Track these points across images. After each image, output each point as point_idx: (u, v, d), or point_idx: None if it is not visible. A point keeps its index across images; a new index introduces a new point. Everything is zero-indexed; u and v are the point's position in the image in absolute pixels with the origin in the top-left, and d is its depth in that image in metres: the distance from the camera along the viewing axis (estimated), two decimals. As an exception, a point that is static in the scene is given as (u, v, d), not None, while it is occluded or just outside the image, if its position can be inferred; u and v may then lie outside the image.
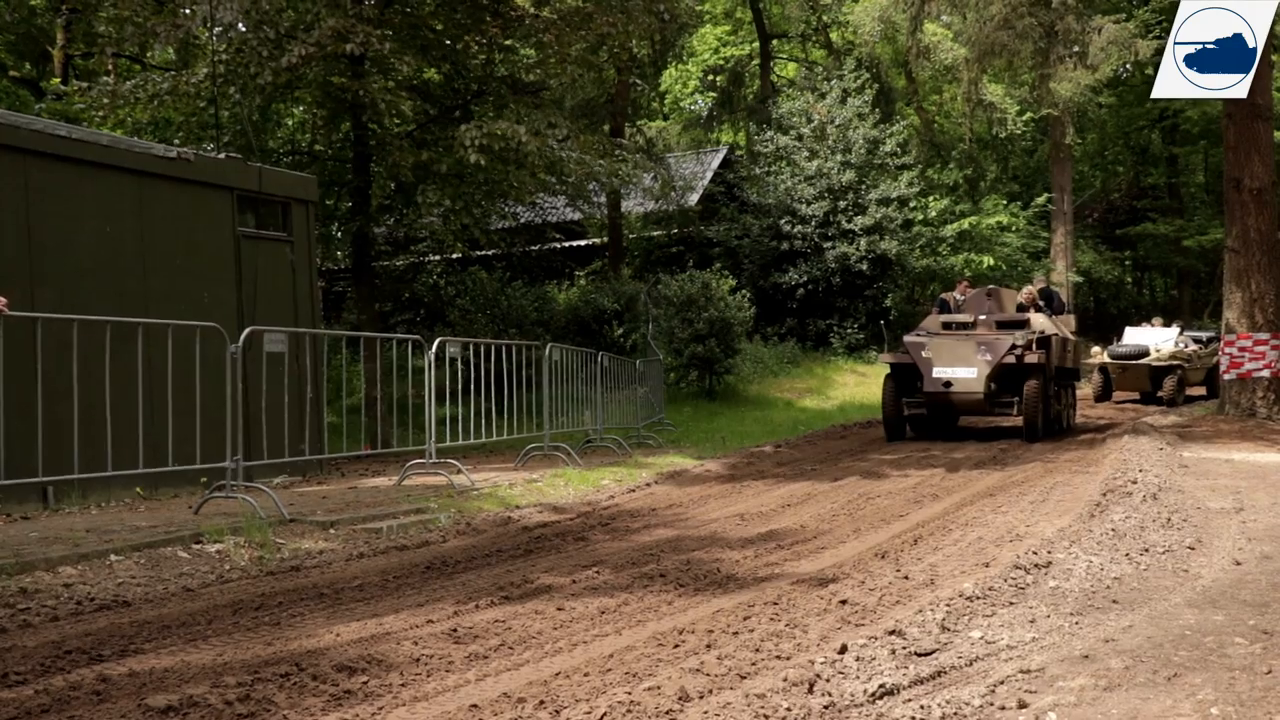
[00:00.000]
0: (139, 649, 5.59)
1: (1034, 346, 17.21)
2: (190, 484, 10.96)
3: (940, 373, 17.02)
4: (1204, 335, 27.90)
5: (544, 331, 22.91)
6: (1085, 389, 27.91)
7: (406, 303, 29.17)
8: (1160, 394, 25.22)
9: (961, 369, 16.95)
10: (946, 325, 18.53)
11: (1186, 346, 26.12)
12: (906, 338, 18.11)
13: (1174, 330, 27.09)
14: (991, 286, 20.41)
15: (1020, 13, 21.95)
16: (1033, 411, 17.00)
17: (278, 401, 10.80)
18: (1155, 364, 25.24)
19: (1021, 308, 19.33)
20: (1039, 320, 18.45)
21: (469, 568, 7.85)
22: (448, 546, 8.75)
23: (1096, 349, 27.85)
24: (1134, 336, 26.99)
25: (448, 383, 13.08)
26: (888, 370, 18.67)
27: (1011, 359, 16.97)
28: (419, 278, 28.29)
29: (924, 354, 17.28)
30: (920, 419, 18.39)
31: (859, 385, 27.47)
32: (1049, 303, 20.06)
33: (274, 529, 8.67)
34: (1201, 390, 26.64)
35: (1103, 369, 26.25)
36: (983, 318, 18.63)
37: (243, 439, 9.79)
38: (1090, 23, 24.42)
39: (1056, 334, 18.32)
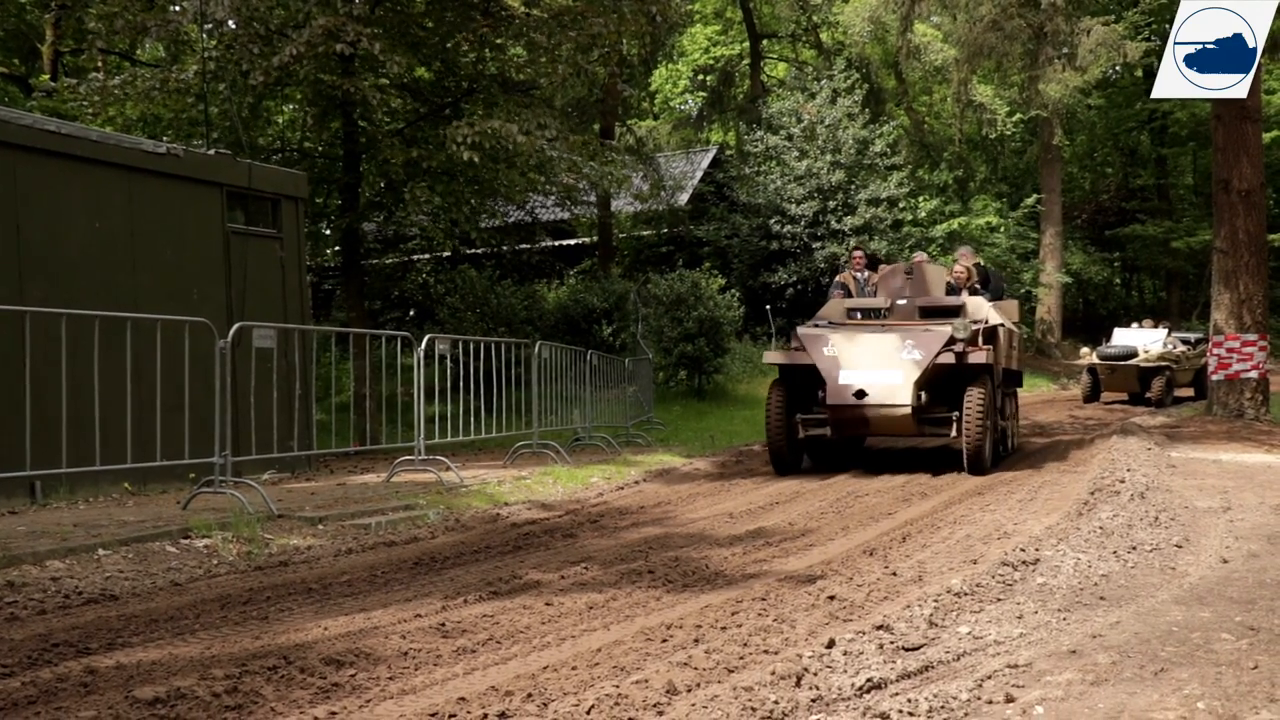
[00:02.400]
0: (126, 642, 5.58)
1: (979, 341, 13.12)
2: (178, 479, 10.94)
3: (851, 378, 12.63)
4: (1192, 337, 27.96)
5: (533, 330, 22.90)
6: (1074, 389, 27.93)
7: (396, 301, 29.17)
8: (1149, 395, 25.27)
9: (881, 372, 12.60)
10: (853, 313, 14.48)
11: (1175, 348, 26.17)
12: (801, 329, 13.62)
13: (1162, 331, 27.12)
14: (913, 260, 15.87)
15: (1010, 14, 22.02)
16: (978, 431, 12.62)
17: (266, 398, 10.79)
18: (1144, 365, 25.29)
19: (953, 289, 14.88)
20: (979, 305, 14.21)
21: (457, 564, 7.85)
22: (436, 543, 8.75)
23: (1085, 350, 27.89)
24: (1122, 338, 27.04)
25: (437, 380, 13.10)
26: (777, 375, 14.22)
27: (950, 358, 12.72)
28: (408, 276, 28.29)
29: (827, 351, 12.92)
30: (821, 443, 14.09)
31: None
32: (984, 284, 15.70)
33: (262, 524, 8.66)
34: (1189, 391, 26.68)
35: (1091, 370, 26.25)
36: (901, 303, 14.39)
37: (231, 435, 9.76)
38: (1079, 24, 24.51)
39: (1002, 325, 14.20)
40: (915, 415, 12.71)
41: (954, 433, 12.86)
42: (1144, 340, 26.29)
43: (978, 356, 12.74)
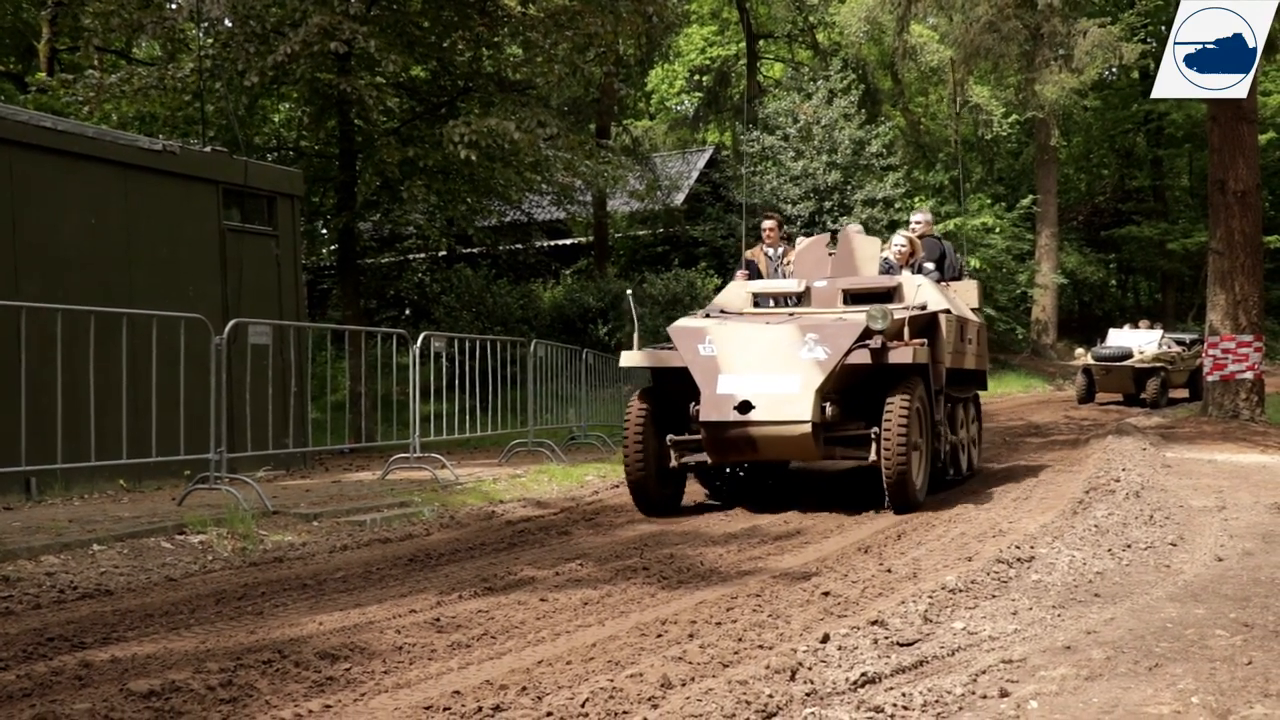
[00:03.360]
0: (121, 636, 5.58)
1: (908, 333, 9.95)
2: (174, 476, 10.93)
3: (732, 385, 9.53)
4: (1186, 337, 27.94)
5: (529, 329, 22.90)
6: (1069, 390, 27.90)
7: (391, 300, 29.16)
8: (1143, 396, 25.22)
9: (773, 377, 9.52)
10: (761, 300, 11.49)
11: (1170, 348, 26.16)
12: (677, 323, 10.53)
13: (1157, 332, 27.08)
14: (839, 229, 13.23)
15: (1006, 15, 22.01)
16: (900, 453, 9.46)
17: (262, 395, 10.79)
18: (1139, 366, 25.25)
19: (889, 267, 11.85)
20: (919, 287, 11.13)
21: (452, 560, 7.85)
22: (431, 539, 8.76)
23: (1080, 350, 27.86)
24: (1117, 338, 26.99)
25: (432, 379, 13.09)
26: (643, 385, 11.62)
27: (864, 356, 9.62)
28: (404, 275, 28.28)
29: (703, 350, 9.81)
30: (703, 471, 10.91)
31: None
32: (939, 261, 12.70)
33: (257, 521, 8.66)
34: (1184, 393, 26.66)
35: (1086, 371, 26.20)
36: (820, 285, 11.31)
37: (226, 431, 9.76)
38: (1075, 25, 24.50)
39: (948, 311, 11.01)
40: (818, 434, 9.49)
41: (872, 455, 9.67)
42: (1139, 341, 26.25)
43: (902, 354, 9.57)
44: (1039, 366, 36.02)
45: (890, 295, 10.96)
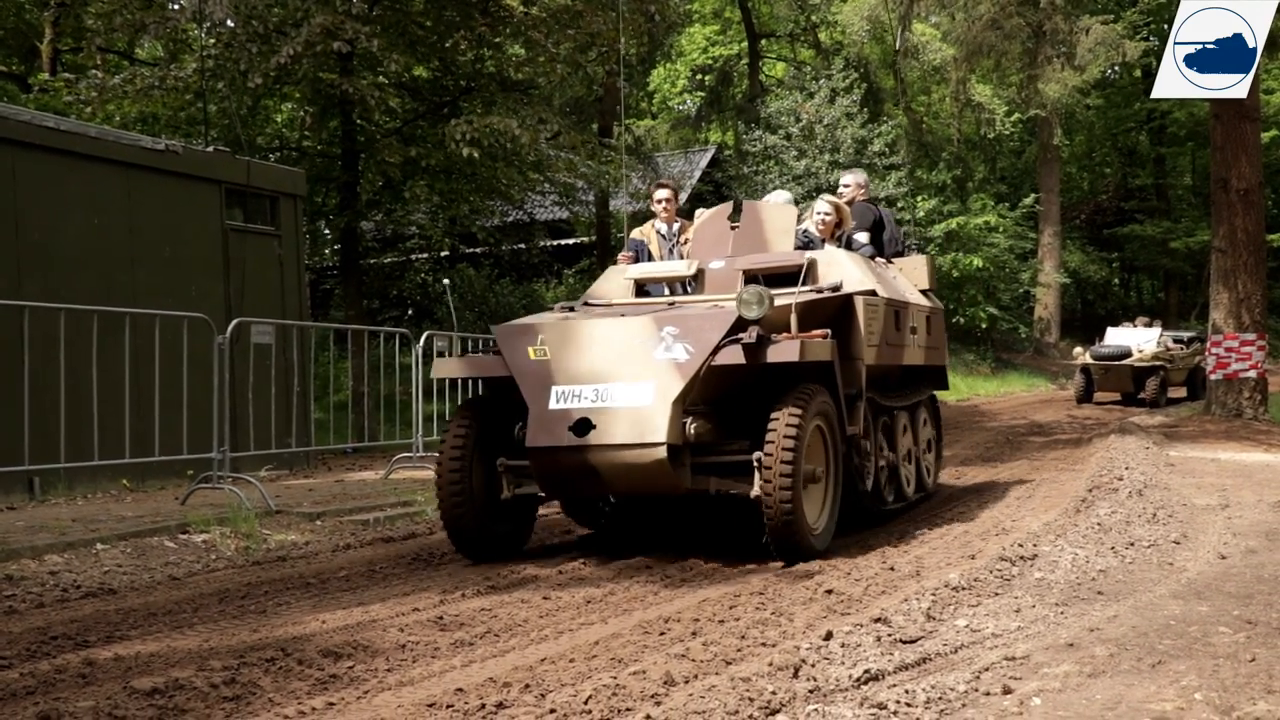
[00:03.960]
0: (125, 635, 5.59)
1: (794, 323, 7.66)
2: (177, 475, 10.94)
3: (567, 399, 7.34)
4: (1185, 336, 27.78)
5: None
6: (1071, 389, 27.77)
7: (394, 300, 29.16)
8: (1142, 395, 25.07)
9: (618, 386, 7.29)
10: (654, 289, 9.27)
11: (1168, 347, 26.01)
12: (509, 324, 8.12)
13: (1156, 331, 26.85)
14: (744, 199, 11.18)
15: (1008, 12, 22.02)
16: (785, 487, 7.13)
17: (265, 394, 10.80)
18: (1138, 365, 25.07)
19: (809, 241, 9.54)
20: (838, 262, 8.94)
21: (455, 559, 7.85)
22: (434, 538, 8.76)
23: (1079, 350, 27.68)
24: (1116, 337, 26.76)
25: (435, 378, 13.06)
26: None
27: (737, 355, 7.28)
28: (407, 275, 28.28)
29: (534, 354, 7.57)
30: (574, 502, 8.89)
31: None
32: (874, 232, 10.45)
33: (260, 520, 8.67)
34: (1182, 391, 26.51)
35: (1085, 370, 25.98)
36: (716, 266, 8.96)
37: (229, 431, 9.78)
38: (1078, 23, 24.51)
39: (874, 293, 8.77)
40: (679, 459, 7.26)
41: (755, 486, 7.29)
42: (1138, 340, 26.02)
43: (784, 350, 7.21)
44: (1042, 365, 36.01)
45: (801, 274, 8.49)
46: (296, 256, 13.97)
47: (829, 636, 5.02)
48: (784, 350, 7.21)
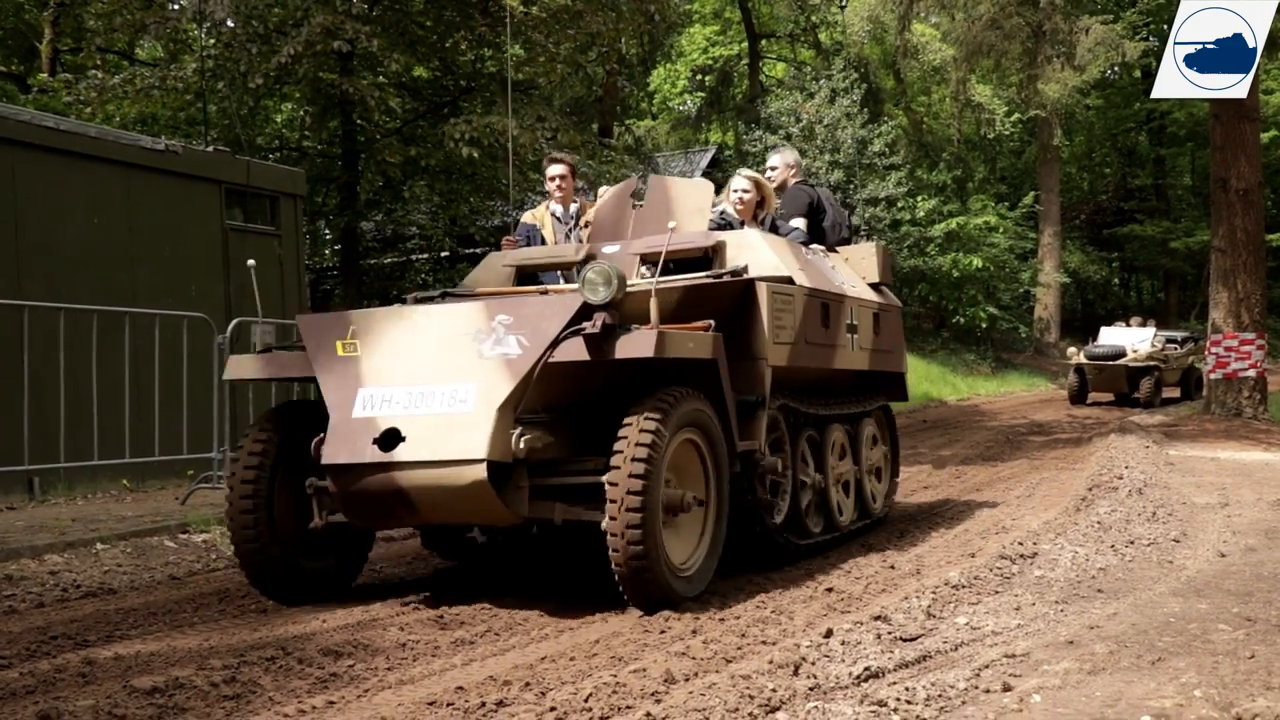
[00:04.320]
0: (124, 635, 5.60)
1: (654, 312, 5.86)
2: (177, 475, 10.92)
3: (375, 404, 5.94)
4: (1179, 335, 27.49)
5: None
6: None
7: (394, 300, 29.13)
8: (1137, 395, 24.81)
9: (436, 389, 5.89)
10: (532, 278, 8.04)
11: (1163, 347, 25.81)
12: (318, 314, 6.93)
13: (1150, 330, 26.56)
14: (652, 174, 9.51)
15: (1008, 12, 22.00)
16: (634, 518, 5.61)
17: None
18: (1132, 365, 24.81)
19: (726, 223, 8.18)
20: (747, 246, 7.52)
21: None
22: (435, 538, 8.74)
23: (1073, 350, 27.47)
24: (1110, 337, 26.48)
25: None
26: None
27: (579, 350, 5.76)
28: (407, 275, 28.28)
29: (340, 351, 6.23)
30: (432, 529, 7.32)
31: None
32: (811, 216, 8.95)
33: (261, 520, 8.65)
34: (1176, 391, 26.29)
35: (1079, 370, 25.64)
36: (610, 250, 7.77)
37: (230, 430, 9.78)
38: (1078, 23, 24.46)
39: (789, 280, 7.37)
40: (508, 481, 5.83)
41: (605, 521, 5.71)
42: (1132, 339, 25.71)
43: (636, 344, 5.66)
44: (1042, 365, 36.00)
45: (708, 261, 7.44)
46: (296, 256, 13.98)
47: (829, 634, 5.02)
48: (636, 343, 5.64)
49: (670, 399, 5.85)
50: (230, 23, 17.07)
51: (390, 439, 5.77)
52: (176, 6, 18.15)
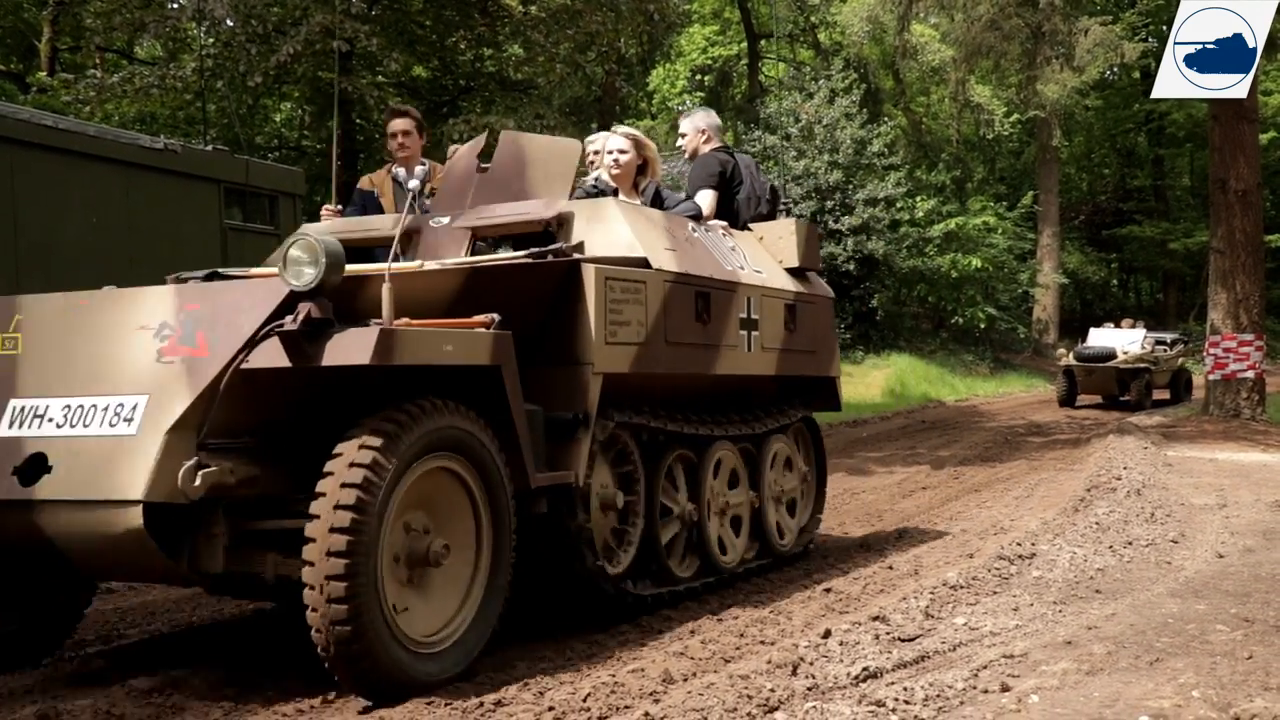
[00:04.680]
0: (123, 634, 5.60)
1: (387, 304, 4.33)
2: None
3: (25, 419, 4.43)
4: (1168, 336, 27.03)
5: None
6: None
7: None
8: (1126, 397, 24.33)
9: (98, 402, 4.37)
10: (356, 254, 5.65)
11: (1153, 349, 25.56)
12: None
13: (1140, 332, 25.97)
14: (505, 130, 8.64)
15: (1007, 13, 22.00)
16: (340, 576, 4.05)
17: None
18: (1122, 366, 24.24)
19: (598, 192, 6.67)
20: (600, 219, 5.90)
21: (454, 558, 7.84)
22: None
23: (1061, 351, 27.13)
24: (1099, 338, 25.89)
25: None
26: None
27: (275, 357, 4.28)
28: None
29: (4, 350, 4.66)
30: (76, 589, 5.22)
31: (846, 385, 27.35)
32: (725, 186, 7.48)
33: (259, 519, 8.66)
34: (1165, 394, 25.86)
35: (1068, 372, 25.00)
36: (440, 223, 6.14)
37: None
38: (1077, 24, 24.46)
39: (644, 263, 5.77)
40: (177, 530, 4.33)
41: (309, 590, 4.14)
42: (1122, 341, 25.17)
43: (347, 347, 4.23)
44: (1040, 366, 35.96)
45: (550, 235, 5.86)
46: (295, 256, 13.95)
47: (827, 634, 5.03)
48: (348, 346, 4.22)
49: (402, 416, 4.34)
50: (229, 22, 17.06)
51: (34, 468, 4.33)
52: (176, 6, 18.12)
